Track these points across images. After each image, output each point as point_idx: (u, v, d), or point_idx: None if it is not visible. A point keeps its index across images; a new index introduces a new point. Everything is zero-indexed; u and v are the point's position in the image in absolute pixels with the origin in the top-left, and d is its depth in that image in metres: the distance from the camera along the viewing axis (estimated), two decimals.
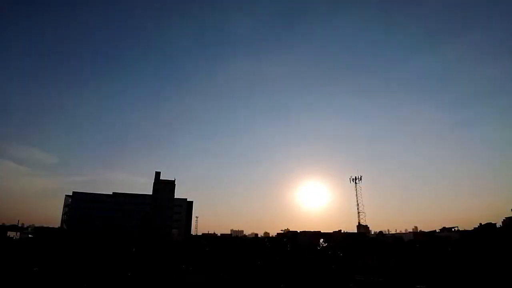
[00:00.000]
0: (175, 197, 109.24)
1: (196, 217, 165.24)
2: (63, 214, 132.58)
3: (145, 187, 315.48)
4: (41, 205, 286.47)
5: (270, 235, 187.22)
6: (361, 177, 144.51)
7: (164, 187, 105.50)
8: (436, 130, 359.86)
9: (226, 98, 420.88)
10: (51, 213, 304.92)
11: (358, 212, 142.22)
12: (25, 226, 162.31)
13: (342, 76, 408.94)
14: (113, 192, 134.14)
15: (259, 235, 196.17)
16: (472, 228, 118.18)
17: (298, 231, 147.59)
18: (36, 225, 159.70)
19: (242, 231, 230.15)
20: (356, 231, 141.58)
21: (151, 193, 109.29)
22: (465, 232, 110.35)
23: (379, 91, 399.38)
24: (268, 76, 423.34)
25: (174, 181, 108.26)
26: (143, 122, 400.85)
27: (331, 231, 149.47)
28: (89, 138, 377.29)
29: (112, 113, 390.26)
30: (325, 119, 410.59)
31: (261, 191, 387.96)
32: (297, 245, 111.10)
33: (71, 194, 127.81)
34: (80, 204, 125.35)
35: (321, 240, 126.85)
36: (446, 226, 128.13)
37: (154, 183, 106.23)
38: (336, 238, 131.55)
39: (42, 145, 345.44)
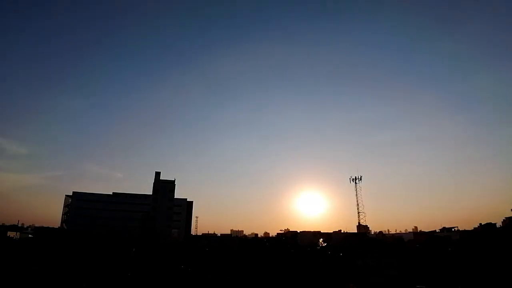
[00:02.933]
0: (175, 197, 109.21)
1: (196, 217, 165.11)
2: (63, 214, 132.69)
3: (122, 183, 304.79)
4: (22, 203, 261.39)
5: (270, 235, 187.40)
6: (361, 177, 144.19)
7: (164, 187, 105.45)
8: (437, 130, 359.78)
9: (227, 98, 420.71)
10: (36, 212, 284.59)
11: (358, 212, 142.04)
12: (25, 226, 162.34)
13: (343, 75, 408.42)
14: (113, 192, 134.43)
15: (259, 235, 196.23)
16: (472, 228, 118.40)
17: (298, 231, 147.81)
18: (36, 225, 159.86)
19: (242, 231, 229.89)
20: (356, 231, 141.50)
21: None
22: (465, 232, 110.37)
23: (379, 90, 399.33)
24: (267, 76, 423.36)
25: (174, 181, 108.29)
26: (127, 117, 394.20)
27: (331, 231, 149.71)
28: (60, 127, 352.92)
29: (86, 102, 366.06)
30: (325, 118, 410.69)
31: (261, 191, 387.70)
32: (297, 245, 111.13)
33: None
34: (80, 204, 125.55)
35: (321, 240, 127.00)
36: (446, 226, 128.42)
37: (154, 183, 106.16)
38: (336, 238, 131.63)
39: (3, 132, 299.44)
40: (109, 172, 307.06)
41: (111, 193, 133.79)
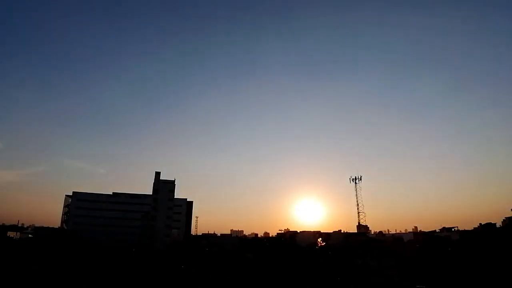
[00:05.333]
0: (175, 197, 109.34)
1: (196, 217, 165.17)
2: (63, 214, 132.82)
3: (107, 179, 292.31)
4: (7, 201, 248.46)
5: (270, 235, 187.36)
6: (361, 177, 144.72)
7: (164, 187, 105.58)
8: (437, 130, 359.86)
9: (228, 98, 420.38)
10: (26, 211, 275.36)
11: (358, 212, 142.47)
12: (25, 226, 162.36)
13: (341, 73, 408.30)
14: (113, 192, 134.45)
15: (259, 235, 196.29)
16: (472, 228, 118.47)
17: (298, 231, 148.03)
18: (36, 225, 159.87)
19: (242, 231, 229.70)
20: (356, 231, 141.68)
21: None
22: (465, 232, 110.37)
23: (379, 90, 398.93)
24: (268, 75, 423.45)
25: (174, 181, 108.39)
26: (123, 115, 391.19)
27: (331, 231, 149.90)
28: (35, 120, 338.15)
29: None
30: (325, 118, 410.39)
31: (261, 190, 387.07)
32: (297, 245, 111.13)
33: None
34: (80, 204, 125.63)
35: (321, 240, 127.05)
36: (446, 226, 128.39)
37: (154, 183, 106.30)
38: (336, 238, 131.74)
39: None
40: (91, 167, 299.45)
41: (111, 193, 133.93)
